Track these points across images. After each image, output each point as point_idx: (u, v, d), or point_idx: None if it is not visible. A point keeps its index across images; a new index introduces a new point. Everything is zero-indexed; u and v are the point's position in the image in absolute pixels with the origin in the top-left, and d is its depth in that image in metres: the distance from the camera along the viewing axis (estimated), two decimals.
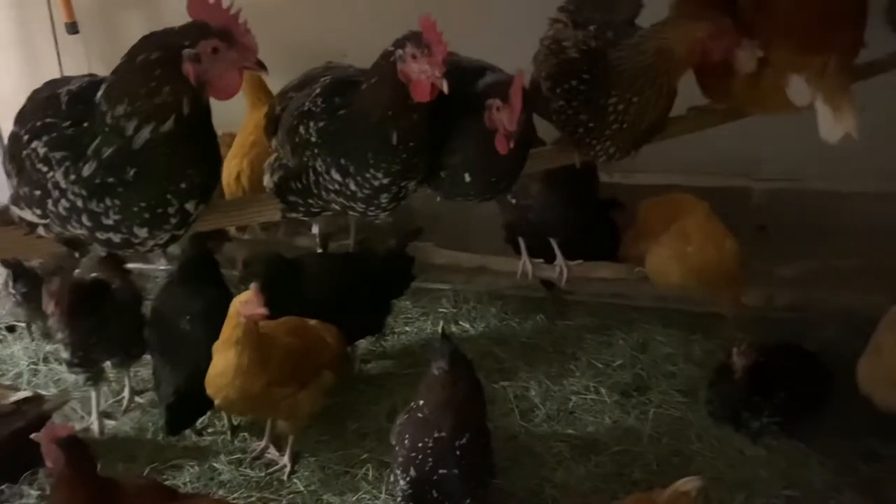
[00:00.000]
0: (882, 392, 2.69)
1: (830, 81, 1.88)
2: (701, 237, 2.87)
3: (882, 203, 3.32)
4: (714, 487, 2.62)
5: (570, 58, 2.05)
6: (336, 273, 3.16)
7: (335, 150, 1.67)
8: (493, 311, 3.56)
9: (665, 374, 3.15)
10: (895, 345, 2.66)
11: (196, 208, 1.57)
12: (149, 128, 1.46)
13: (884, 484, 2.62)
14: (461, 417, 2.32)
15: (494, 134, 1.74)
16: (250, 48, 1.50)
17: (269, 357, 2.52)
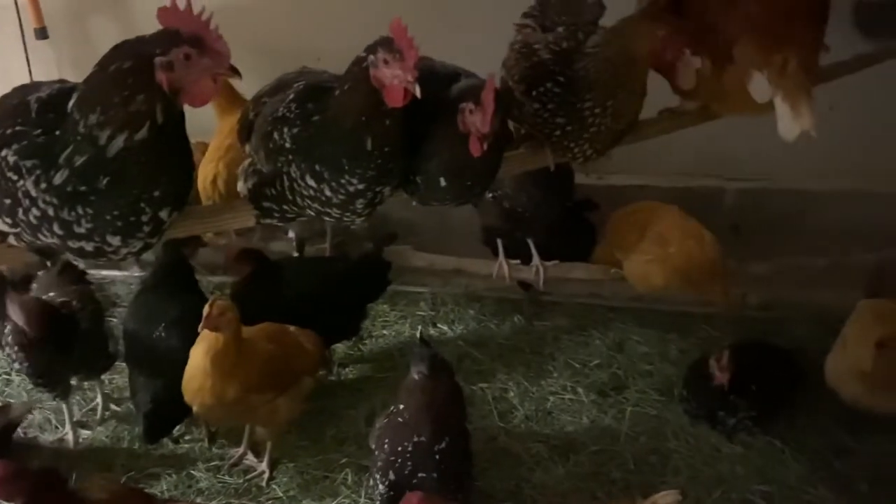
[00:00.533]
0: (846, 384, 2.74)
1: (790, 80, 1.91)
2: (680, 236, 2.87)
3: (851, 202, 3.38)
4: (691, 485, 2.66)
5: (542, 60, 2.06)
6: (312, 277, 3.16)
7: (309, 156, 1.67)
8: (470, 313, 3.56)
9: (641, 373, 3.18)
10: (857, 337, 2.71)
11: (170, 216, 1.57)
12: (122, 136, 1.46)
13: (855, 478, 2.66)
14: (440, 422, 2.32)
15: (468, 137, 1.75)
16: (223, 54, 1.50)
17: (246, 363, 2.50)
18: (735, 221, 3.44)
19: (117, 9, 3.57)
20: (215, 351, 2.45)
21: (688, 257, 2.84)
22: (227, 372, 2.46)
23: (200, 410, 2.56)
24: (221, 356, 2.45)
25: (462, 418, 2.52)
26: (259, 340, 2.64)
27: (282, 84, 1.88)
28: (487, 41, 2.20)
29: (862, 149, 3.35)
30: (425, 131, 1.77)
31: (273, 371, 2.59)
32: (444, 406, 2.38)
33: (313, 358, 2.81)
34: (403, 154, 1.71)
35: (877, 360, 2.59)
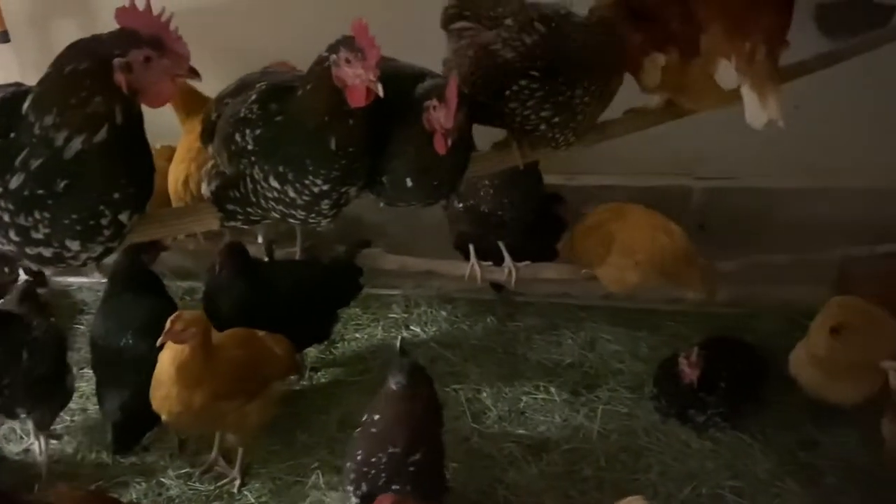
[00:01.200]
0: (804, 372, 2.80)
1: (759, 68, 1.91)
2: (647, 236, 2.87)
3: (815, 199, 3.44)
4: (662, 481, 2.69)
5: (508, 58, 2.00)
6: (285, 280, 3.13)
7: (272, 157, 1.66)
8: (443, 314, 3.56)
9: (613, 371, 3.20)
10: (817, 325, 2.77)
11: (130, 219, 1.54)
12: (80, 138, 1.43)
13: (822, 469, 2.71)
14: (416, 433, 2.30)
15: (433, 136, 1.75)
16: (183, 56, 1.48)
17: (214, 370, 2.48)
18: (702, 220, 3.47)
19: (80, 13, 3.52)
20: (181, 360, 2.42)
21: (660, 252, 2.84)
22: (193, 380, 2.44)
23: (168, 419, 2.53)
24: (187, 365, 2.43)
25: (438, 431, 2.50)
26: (228, 347, 2.62)
27: (244, 84, 1.85)
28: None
29: (825, 147, 3.41)
30: (390, 131, 1.76)
31: (242, 377, 2.57)
32: (420, 418, 2.36)
33: (284, 363, 2.79)
34: (368, 154, 1.70)
35: (831, 347, 2.66)
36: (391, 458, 2.25)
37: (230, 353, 2.58)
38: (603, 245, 2.95)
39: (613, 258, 2.92)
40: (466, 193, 3.14)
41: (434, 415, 2.49)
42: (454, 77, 1.69)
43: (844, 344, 2.66)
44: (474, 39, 2.07)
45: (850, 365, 2.68)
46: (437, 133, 1.72)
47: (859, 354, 2.67)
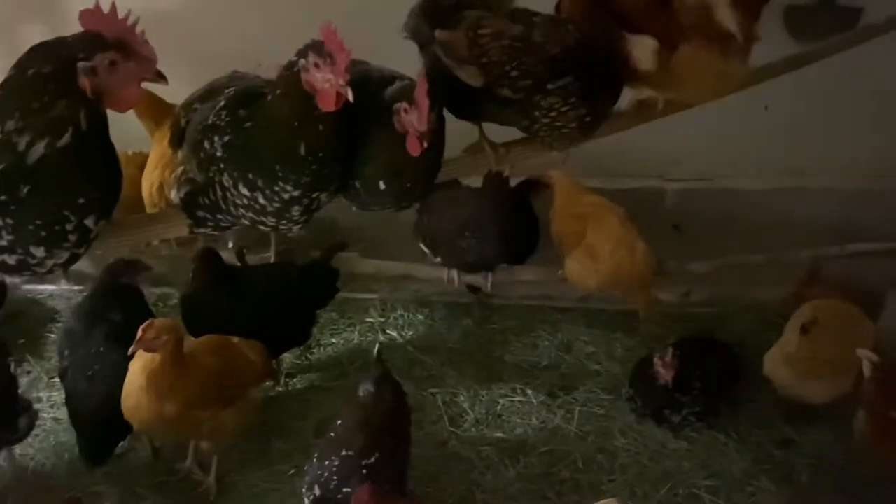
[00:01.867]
0: (777, 371, 2.82)
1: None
2: (612, 248, 2.91)
3: (787, 199, 3.48)
4: (638, 481, 2.69)
5: (553, 54, 1.98)
6: (262, 283, 3.10)
7: (242, 164, 1.64)
8: (420, 318, 3.55)
9: (589, 372, 3.21)
10: (790, 325, 2.81)
11: (96, 224, 1.52)
12: (43, 143, 1.41)
13: (796, 468, 2.73)
14: (372, 437, 2.28)
15: (406, 139, 1.75)
16: (149, 59, 1.46)
17: (186, 379, 2.44)
18: (676, 221, 3.51)
19: (49, 18, 3.47)
20: (151, 369, 2.39)
21: (617, 268, 2.90)
22: (164, 390, 2.40)
23: (140, 427, 2.49)
24: (158, 374, 2.39)
25: (402, 439, 2.47)
26: (201, 354, 2.59)
27: (213, 90, 1.85)
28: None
29: (795, 148, 3.46)
30: (362, 135, 1.76)
31: (216, 385, 2.53)
32: (380, 422, 2.35)
33: (259, 369, 2.76)
34: (339, 159, 1.70)
35: (802, 344, 2.69)
36: (344, 460, 2.24)
37: (204, 361, 2.55)
38: (575, 238, 3.00)
39: (577, 254, 2.99)
40: (447, 250, 3.18)
41: (397, 422, 2.46)
42: (422, 79, 1.69)
43: (815, 342, 2.69)
44: (504, 31, 2.01)
45: (822, 363, 2.71)
46: (410, 135, 1.72)
47: (830, 352, 2.70)
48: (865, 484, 2.66)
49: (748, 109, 3.08)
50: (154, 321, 2.44)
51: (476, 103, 2.05)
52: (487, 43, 1.98)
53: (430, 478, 2.70)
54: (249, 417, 2.71)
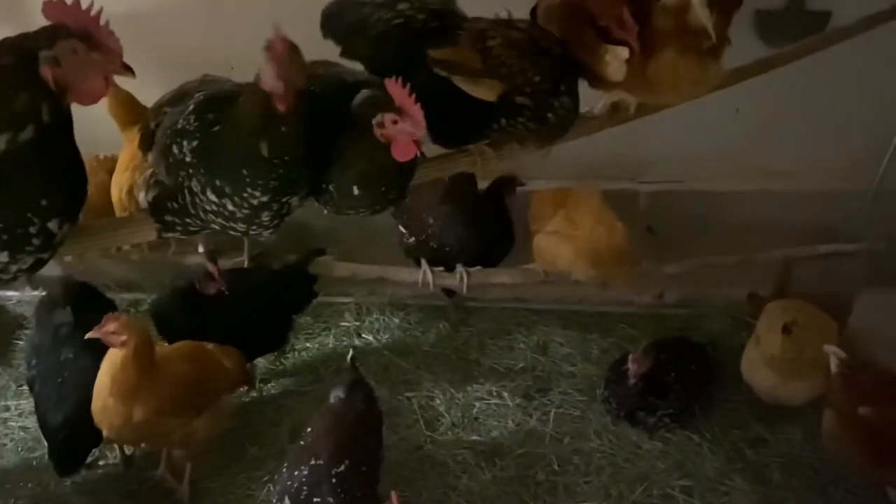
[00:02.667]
0: (759, 375, 2.86)
1: None
2: (591, 222, 2.92)
3: (758, 201, 3.51)
4: (613, 482, 2.71)
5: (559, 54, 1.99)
6: (238, 287, 3.07)
7: (210, 169, 1.61)
8: (395, 321, 3.54)
9: (565, 374, 3.22)
10: (767, 327, 2.84)
11: (60, 228, 1.47)
12: (4, 138, 1.36)
13: (769, 467, 2.76)
14: (341, 445, 2.27)
15: (385, 146, 1.73)
16: (114, 50, 1.41)
17: (156, 384, 2.41)
18: (649, 223, 3.52)
19: (16, 22, 3.41)
20: (114, 371, 2.36)
21: (595, 241, 2.89)
22: (130, 393, 2.37)
23: (109, 433, 2.46)
24: (122, 376, 2.36)
25: (373, 444, 2.46)
26: (174, 360, 2.56)
27: (183, 93, 1.81)
28: None
29: (766, 150, 3.49)
30: (334, 140, 1.74)
31: (189, 392, 2.50)
32: (349, 430, 2.34)
33: (234, 376, 2.73)
34: (308, 162, 1.67)
35: (785, 345, 2.72)
36: (313, 469, 2.22)
37: (176, 368, 2.51)
38: (552, 206, 3.03)
39: (556, 221, 2.99)
40: (415, 228, 3.16)
41: (368, 428, 2.45)
42: (393, 82, 1.67)
43: (797, 342, 2.73)
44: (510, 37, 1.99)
45: (804, 363, 2.75)
46: (398, 142, 1.69)
47: (812, 351, 2.74)
48: (836, 482, 2.70)
49: (719, 112, 3.10)
50: (121, 317, 2.40)
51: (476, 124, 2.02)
52: (501, 53, 1.95)
53: (406, 482, 2.70)
54: (222, 425, 2.68)
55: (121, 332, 2.34)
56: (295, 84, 1.52)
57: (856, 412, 2.48)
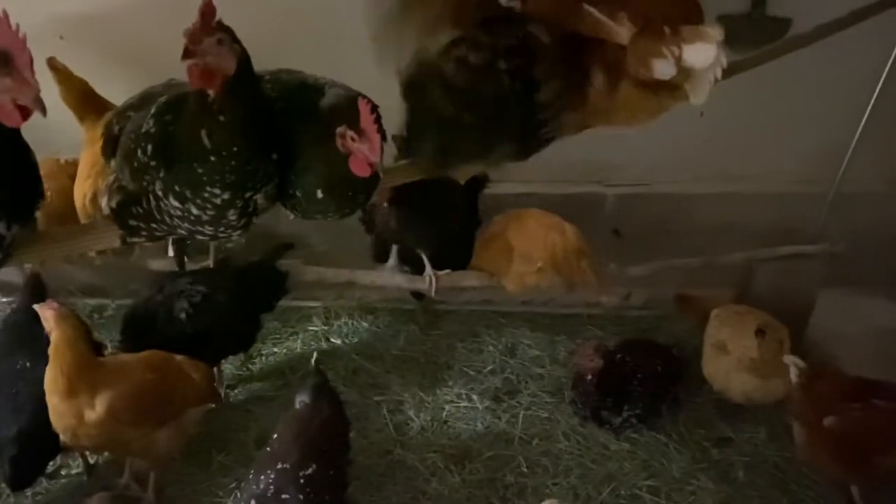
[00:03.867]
0: (735, 382, 2.90)
1: (685, 30, 1.97)
2: (542, 241, 2.90)
3: (721, 203, 3.57)
4: (581, 483, 2.73)
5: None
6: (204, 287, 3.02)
7: (168, 170, 1.60)
8: (364, 325, 3.53)
9: (533, 376, 3.24)
10: (736, 334, 2.89)
11: (9, 230, 1.44)
12: None
13: (734, 466, 2.80)
14: (309, 449, 2.25)
15: (347, 155, 1.73)
16: (28, 84, 1.36)
17: (110, 386, 2.35)
18: (616, 226, 3.57)
19: None
20: (50, 367, 2.32)
21: (552, 251, 2.88)
22: (67, 389, 2.31)
23: (63, 436, 2.39)
24: (53, 372, 2.32)
25: (341, 451, 2.44)
26: (138, 369, 2.50)
27: (147, 97, 1.80)
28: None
29: (729, 153, 3.55)
30: (299, 144, 1.74)
31: (150, 403, 2.44)
32: (316, 433, 2.32)
33: (200, 389, 2.67)
34: (264, 157, 1.64)
35: (762, 348, 2.78)
36: (280, 473, 2.20)
37: (138, 376, 2.46)
38: (503, 255, 2.98)
39: (515, 267, 2.96)
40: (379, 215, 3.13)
41: (335, 432, 2.43)
42: (364, 102, 1.67)
43: (769, 343, 2.79)
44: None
45: (779, 361, 2.79)
46: (356, 159, 1.70)
47: (782, 350, 2.82)
48: (799, 480, 2.75)
49: (684, 116, 3.13)
50: (56, 306, 2.35)
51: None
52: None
53: (375, 487, 2.69)
54: (185, 439, 2.63)
55: (49, 322, 2.29)
56: (221, 68, 1.50)
57: (821, 423, 2.51)
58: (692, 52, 1.93)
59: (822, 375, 2.66)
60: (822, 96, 3.44)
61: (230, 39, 1.53)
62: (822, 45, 2.75)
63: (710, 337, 3.00)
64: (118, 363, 2.46)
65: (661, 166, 3.62)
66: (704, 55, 1.93)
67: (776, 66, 2.73)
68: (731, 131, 3.44)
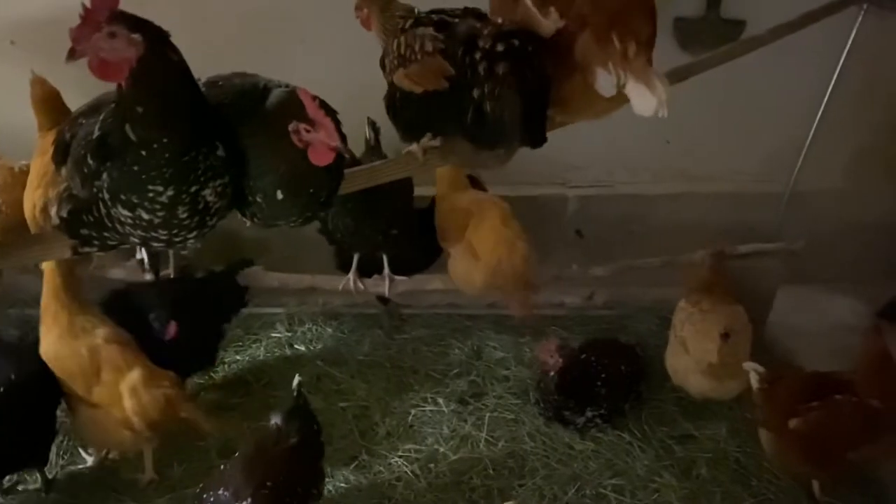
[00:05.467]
0: (693, 380, 2.95)
1: (635, 62, 1.97)
2: (492, 247, 2.87)
3: (681, 203, 3.62)
4: (547, 484, 2.74)
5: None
6: (164, 300, 2.97)
7: (109, 174, 1.57)
8: (329, 331, 3.51)
9: (499, 378, 3.24)
10: (698, 334, 2.92)
11: None
12: None
13: (696, 463, 2.84)
14: (254, 478, 2.16)
15: (304, 151, 1.71)
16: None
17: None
18: (578, 227, 3.59)
19: None
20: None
21: (496, 266, 2.84)
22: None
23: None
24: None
25: (304, 478, 2.33)
26: None
27: (99, 103, 1.75)
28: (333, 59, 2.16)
29: (688, 154, 3.60)
30: (252, 147, 1.71)
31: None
32: (275, 459, 2.24)
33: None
34: (204, 148, 1.59)
35: (721, 352, 2.81)
36: (218, 500, 2.15)
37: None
38: (456, 232, 2.98)
39: (458, 251, 2.97)
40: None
41: (299, 460, 2.32)
42: (307, 94, 1.65)
43: (732, 346, 2.82)
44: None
45: (737, 364, 2.83)
46: (314, 148, 1.67)
47: (742, 353, 2.86)
48: (759, 475, 2.80)
49: (644, 118, 3.18)
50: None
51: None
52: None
53: (341, 495, 2.67)
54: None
55: None
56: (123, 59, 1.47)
57: (787, 426, 2.55)
58: (635, 93, 1.92)
59: (782, 377, 2.71)
60: (777, 97, 3.51)
61: (126, 30, 1.46)
62: (776, 46, 2.80)
63: (674, 328, 3.04)
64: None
65: (622, 167, 3.66)
66: (645, 105, 1.91)
67: (732, 68, 2.77)
68: (690, 132, 3.49)
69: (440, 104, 1.93)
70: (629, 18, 2.03)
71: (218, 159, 1.63)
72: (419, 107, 1.98)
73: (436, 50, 1.89)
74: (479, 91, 1.85)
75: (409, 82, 1.95)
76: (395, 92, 2.00)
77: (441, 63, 1.88)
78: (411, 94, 1.95)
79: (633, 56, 1.93)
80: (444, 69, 1.88)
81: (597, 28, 1.98)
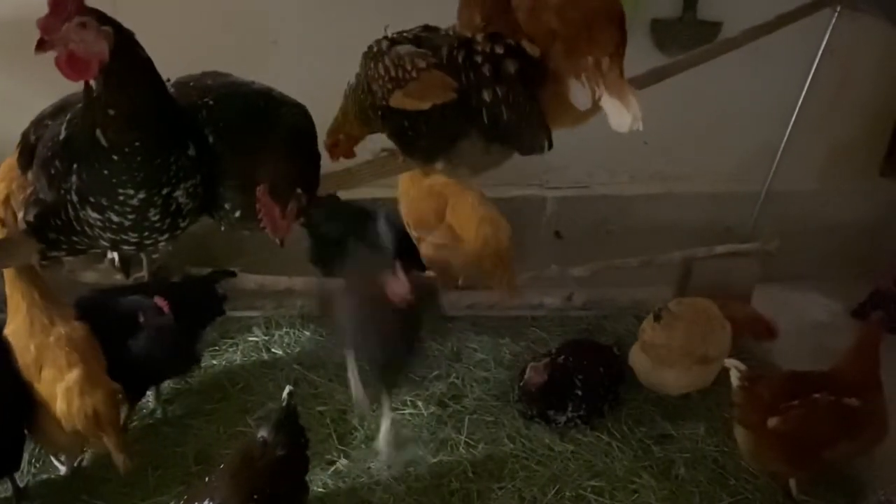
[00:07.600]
0: (637, 360, 3.01)
1: (609, 75, 1.96)
2: (475, 226, 2.88)
3: (658, 204, 3.64)
4: (526, 486, 2.73)
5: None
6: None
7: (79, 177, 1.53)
8: (306, 334, 3.47)
9: (478, 380, 3.23)
10: (650, 327, 2.97)
11: None
12: None
13: (675, 463, 2.84)
14: (239, 491, 2.13)
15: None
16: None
17: None
18: (557, 228, 3.60)
19: None
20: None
21: (483, 245, 2.85)
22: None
23: None
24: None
25: (288, 492, 2.31)
26: None
27: (65, 105, 1.72)
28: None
29: (665, 155, 3.62)
30: (223, 152, 1.67)
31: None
32: (260, 473, 2.20)
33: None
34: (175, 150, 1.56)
35: (655, 332, 2.88)
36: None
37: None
38: (434, 216, 2.97)
39: (438, 235, 2.95)
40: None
41: (284, 474, 2.29)
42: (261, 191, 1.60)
43: (667, 330, 2.87)
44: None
45: (673, 351, 2.88)
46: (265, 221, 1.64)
47: (680, 341, 2.89)
48: (737, 474, 2.81)
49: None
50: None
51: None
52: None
53: (319, 499, 2.64)
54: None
55: None
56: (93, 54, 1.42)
57: (765, 426, 2.56)
58: (612, 110, 1.90)
59: (762, 376, 2.72)
60: (753, 98, 3.54)
61: (96, 21, 1.40)
62: (752, 48, 2.82)
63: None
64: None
65: (599, 168, 3.67)
66: (621, 121, 1.90)
67: (708, 70, 2.78)
68: (667, 134, 3.51)
69: (452, 114, 1.86)
70: (598, 29, 2.03)
71: (189, 159, 1.59)
72: (431, 128, 1.90)
73: (429, 65, 1.84)
74: (490, 91, 1.83)
75: (411, 101, 1.87)
76: (401, 122, 1.91)
77: (441, 76, 1.83)
78: (419, 119, 1.88)
79: (607, 69, 1.93)
80: (446, 81, 1.83)
81: (566, 41, 1.98)
